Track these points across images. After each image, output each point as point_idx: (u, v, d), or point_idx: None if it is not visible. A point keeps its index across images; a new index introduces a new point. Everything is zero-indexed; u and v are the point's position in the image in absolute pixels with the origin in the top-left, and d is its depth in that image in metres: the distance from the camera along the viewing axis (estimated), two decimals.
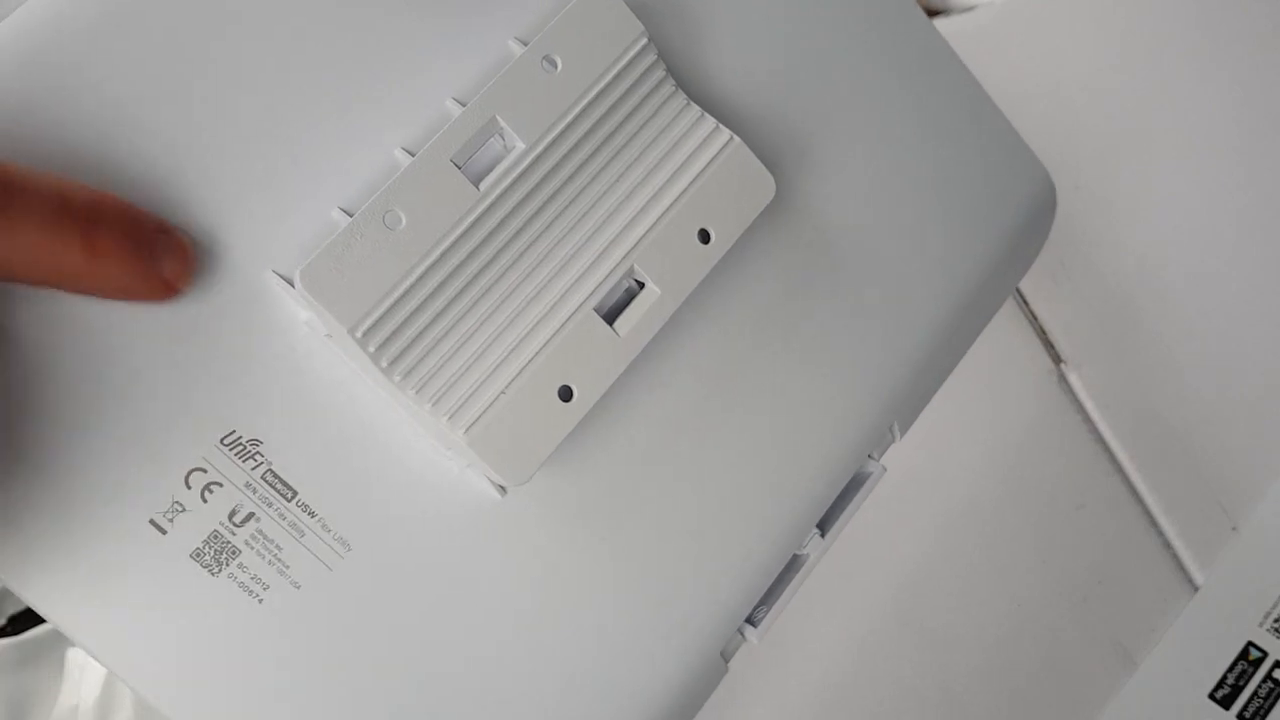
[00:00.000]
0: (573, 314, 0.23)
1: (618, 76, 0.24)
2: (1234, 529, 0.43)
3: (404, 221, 0.21)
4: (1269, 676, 0.40)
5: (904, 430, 0.29)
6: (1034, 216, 0.32)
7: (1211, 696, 0.40)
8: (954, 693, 0.40)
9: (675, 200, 0.24)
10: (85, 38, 0.21)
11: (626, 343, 0.23)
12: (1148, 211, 0.48)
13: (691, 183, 0.24)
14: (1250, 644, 0.41)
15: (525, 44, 0.24)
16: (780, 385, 0.27)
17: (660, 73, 0.24)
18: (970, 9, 0.52)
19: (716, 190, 0.24)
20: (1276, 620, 0.41)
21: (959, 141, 0.30)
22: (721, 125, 0.25)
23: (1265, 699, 0.40)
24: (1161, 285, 0.47)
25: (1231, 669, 0.41)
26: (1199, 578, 0.42)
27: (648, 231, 0.24)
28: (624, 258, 0.23)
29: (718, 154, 0.24)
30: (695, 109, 0.25)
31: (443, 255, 0.22)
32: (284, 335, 0.22)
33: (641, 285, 0.24)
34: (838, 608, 0.40)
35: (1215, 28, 0.52)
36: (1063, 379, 0.44)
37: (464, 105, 0.23)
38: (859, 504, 0.28)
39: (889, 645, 0.40)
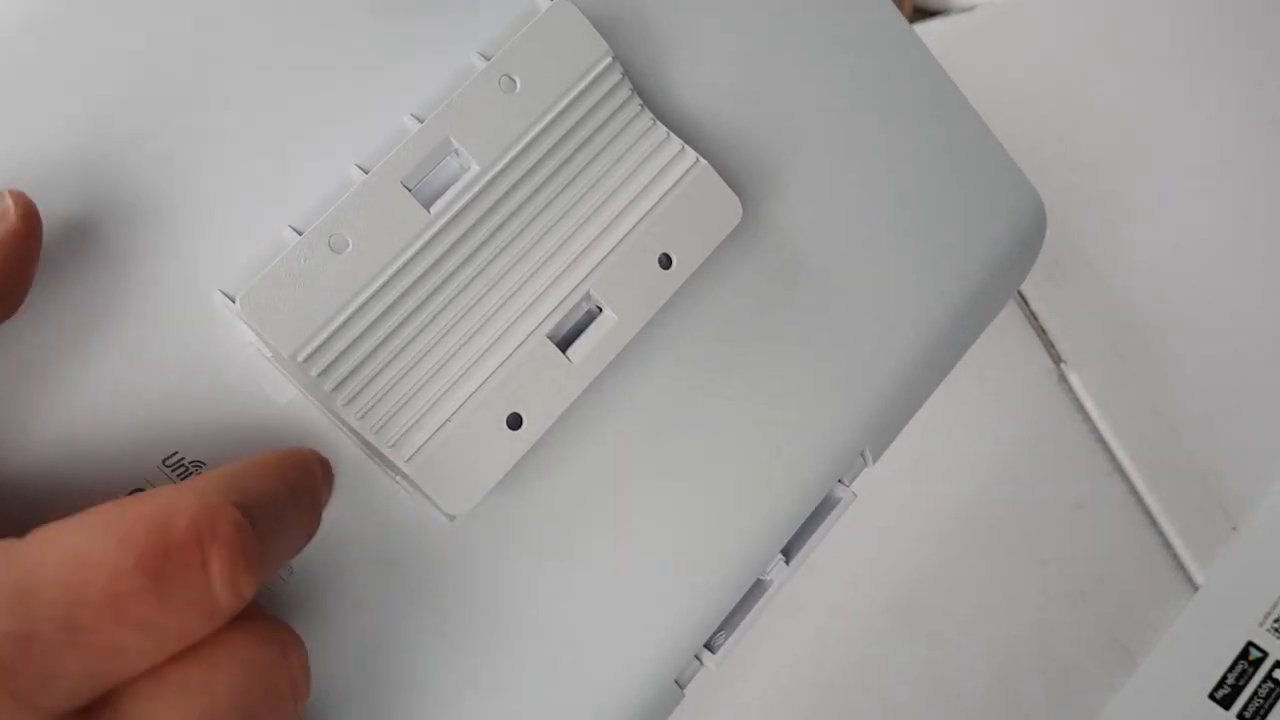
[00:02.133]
0: (525, 339, 0.22)
1: (579, 96, 0.23)
2: (1234, 529, 0.43)
3: (350, 245, 0.21)
4: (1269, 676, 0.40)
5: (876, 456, 0.29)
6: (1021, 240, 0.31)
7: (1211, 696, 0.40)
8: (953, 692, 0.40)
9: (636, 224, 0.23)
10: (33, 40, 0.20)
11: (580, 370, 0.23)
12: (1147, 211, 0.48)
13: (654, 206, 0.23)
14: (1250, 644, 0.41)
15: (488, 59, 0.23)
16: (744, 409, 0.26)
17: (625, 92, 0.24)
18: (970, 9, 0.52)
19: (680, 214, 0.24)
20: (1276, 620, 0.41)
21: (943, 161, 0.29)
22: (688, 147, 0.24)
23: (1265, 699, 0.40)
24: (1161, 285, 0.47)
25: (1231, 669, 0.41)
26: (1199, 578, 0.42)
27: (607, 255, 0.23)
28: (581, 282, 0.23)
29: (683, 177, 0.24)
30: (661, 129, 0.24)
31: (390, 280, 0.21)
32: (230, 356, 0.21)
33: (600, 310, 0.23)
34: (837, 607, 0.40)
35: (1215, 27, 0.52)
36: (1063, 379, 0.44)
37: (421, 122, 0.22)
38: (826, 530, 0.28)
39: (889, 645, 0.40)
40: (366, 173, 0.22)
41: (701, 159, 0.24)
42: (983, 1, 0.53)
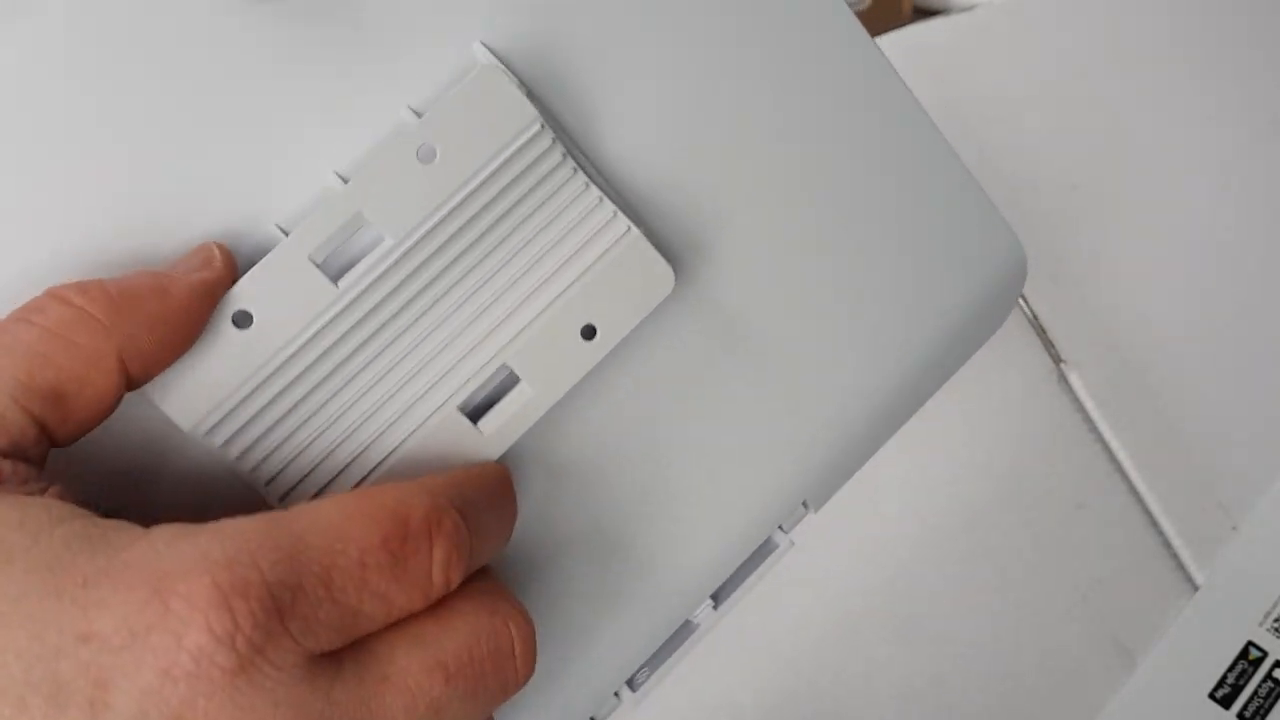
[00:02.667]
0: (435, 410, 0.22)
1: (504, 165, 0.22)
2: (1234, 529, 0.43)
3: (254, 321, 0.20)
4: (1269, 676, 0.40)
5: (819, 506, 0.28)
6: (996, 293, 0.29)
7: (1211, 696, 0.40)
8: (953, 692, 0.40)
9: (561, 293, 0.22)
10: None
11: (491, 441, 0.22)
12: (1148, 211, 0.48)
13: (580, 275, 0.22)
14: (1250, 644, 0.41)
15: (418, 114, 0.22)
16: (676, 460, 0.25)
17: (556, 157, 0.22)
18: (970, 9, 0.52)
19: (607, 283, 0.23)
20: (1276, 620, 0.41)
21: (911, 209, 0.27)
22: (620, 213, 0.23)
23: (1265, 699, 0.40)
24: (1161, 285, 0.47)
25: (1231, 669, 0.41)
26: (1199, 578, 0.42)
27: (527, 326, 0.22)
28: (498, 352, 0.22)
29: (613, 245, 0.23)
30: (594, 193, 0.23)
31: (293, 355, 0.21)
32: (151, 421, 0.21)
33: (518, 380, 0.22)
34: (836, 607, 0.40)
35: (1216, 27, 0.52)
36: (1063, 379, 0.44)
37: (345, 181, 0.21)
38: (759, 577, 0.27)
39: (887, 645, 0.40)
40: (286, 234, 0.21)
41: (634, 227, 0.23)
42: (983, 1, 0.53)
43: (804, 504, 0.28)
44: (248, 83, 0.21)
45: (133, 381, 0.19)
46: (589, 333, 0.23)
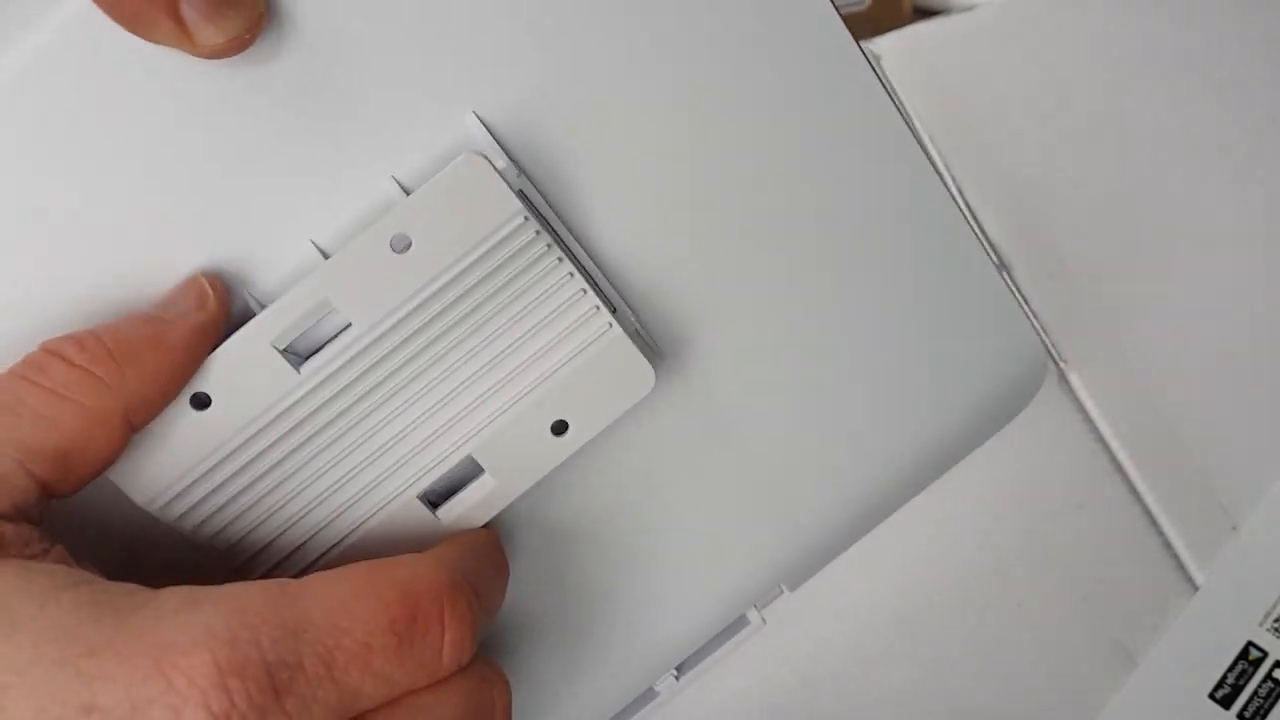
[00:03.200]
0: (394, 496, 0.21)
1: (483, 257, 0.21)
2: (1234, 529, 0.43)
3: (214, 403, 0.20)
4: (1269, 676, 0.40)
5: (794, 588, 0.28)
6: (1005, 399, 0.28)
7: (1211, 696, 0.40)
8: (953, 693, 0.40)
9: (533, 386, 0.21)
10: None
11: (449, 530, 0.22)
12: (1148, 210, 0.48)
13: (556, 369, 0.21)
14: (1250, 644, 0.41)
15: (404, 189, 0.21)
16: (651, 534, 0.25)
17: (540, 247, 0.21)
18: (970, 9, 0.52)
19: (583, 380, 0.22)
20: (1276, 620, 0.41)
21: (924, 311, 0.26)
22: (603, 307, 0.22)
23: (1265, 699, 0.40)
24: (1162, 285, 0.47)
25: (1231, 669, 0.41)
26: (1199, 578, 0.42)
27: (495, 417, 0.21)
28: (463, 442, 0.21)
29: (592, 341, 0.22)
30: (578, 283, 0.22)
31: (250, 439, 0.20)
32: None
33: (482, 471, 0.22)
34: (835, 607, 0.40)
35: (1217, 26, 0.52)
36: (1063, 379, 0.44)
37: (325, 255, 0.21)
38: (726, 654, 0.27)
39: (887, 645, 0.40)
40: (261, 305, 0.21)
41: (615, 324, 0.22)
42: (983, 1, 0.52)
43: (780, 586, 0.27)
44: (234, 149, 0.21)
45: (134, 431, 0.19)
46: (560, 428, 0.22)
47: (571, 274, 0.22)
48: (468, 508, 0.22)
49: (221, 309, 0.20)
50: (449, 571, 0.19)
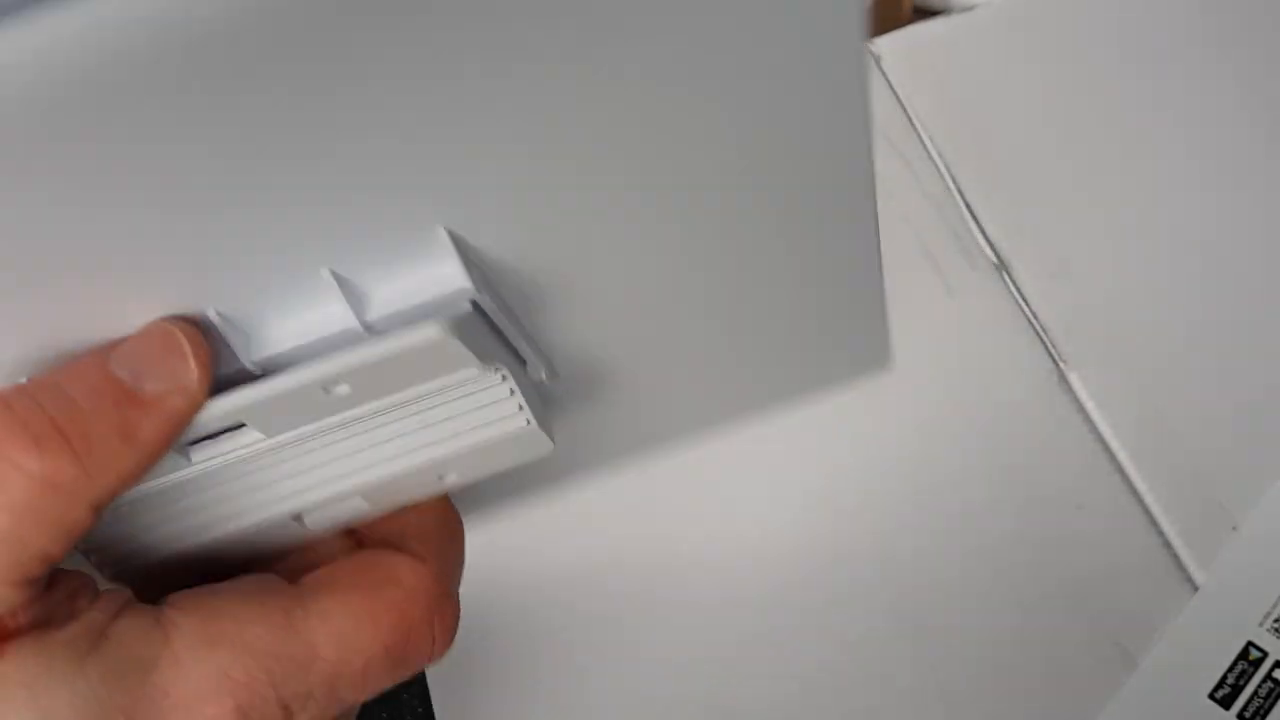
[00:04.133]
0: (266, 518, 0.21)
1: (420, 396, 0.20)
2: (1234, 529, 0.43)
3: None
4: (1269, 676, 0.40)
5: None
6: (841, 370, 0.28)
7: (1211, 696, 0.40)
8: (953, 693, 0.40)
9: (427, 450, 0.21)
10: None
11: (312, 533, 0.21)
12: (1149, 210, 0.48)
13: (453, 437, 0.21)
14: (1250, 644, 0.41)
15: (339, 277, 0.19)
16: None
17: (492, 379, 0.20)
18: (970, 9, 0.52)
19: (480, 450, 0.21)
20: (1276, 620, 0.41)
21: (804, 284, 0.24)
22: (523, 404, 0.21)
23: (1265, 699, 0.40)
24: (1161, 285, 0.47)
25: (1231, 669, 0.41)
26: (1199, 578, 0.42)
27: (384, 473, 0.21)
28: (349, 494, 0.21)
29: (499, 420, 0.21)
30: (509, 383, 0.20)
31: (135, 499, 0.20)
32: None
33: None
34: (836, 608, 0.40)
35: (1217, 26, 0.52)
36: (1063, 379, 0.44)
37: (259, 374, 0.19)
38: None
39: (888, 645, 0.40)
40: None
41: (526, 409, 0.21)
42: (983, 1, 0.53)
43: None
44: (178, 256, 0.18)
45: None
46: (443, 476, 0.22)
47: (504, 377, 0.20)
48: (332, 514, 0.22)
49: (202, 392, 0.18)
50: (439, 582, 0.20)
